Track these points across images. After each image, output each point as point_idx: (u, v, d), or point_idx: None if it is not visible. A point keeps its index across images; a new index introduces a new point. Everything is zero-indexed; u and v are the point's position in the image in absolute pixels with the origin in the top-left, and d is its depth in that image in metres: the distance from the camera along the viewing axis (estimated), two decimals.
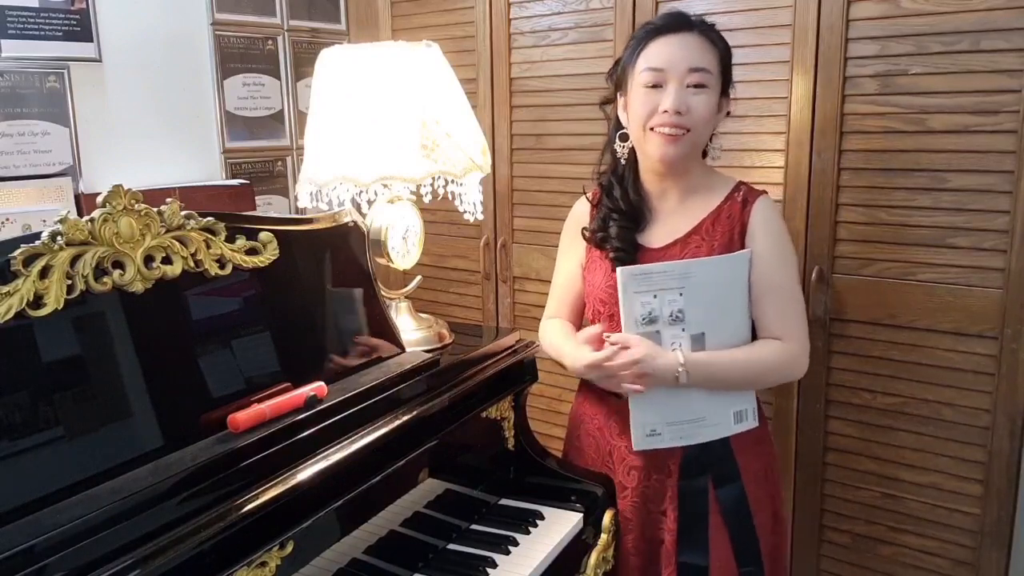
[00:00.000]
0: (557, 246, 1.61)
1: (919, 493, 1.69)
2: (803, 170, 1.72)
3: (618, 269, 1.35)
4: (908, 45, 1.58)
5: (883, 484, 1.74)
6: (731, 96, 1.43)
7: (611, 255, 1.42)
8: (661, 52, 1.35)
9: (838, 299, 1.72)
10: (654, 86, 1.35)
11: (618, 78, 1.44)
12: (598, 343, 1.40)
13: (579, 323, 1.57)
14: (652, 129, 1.35)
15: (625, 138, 1.43)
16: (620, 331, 1.37)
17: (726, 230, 1.39)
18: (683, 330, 1.35)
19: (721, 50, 1.38)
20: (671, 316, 1.34)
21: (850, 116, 1.66)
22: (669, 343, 1.35)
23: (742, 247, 1.38)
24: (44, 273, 0.93)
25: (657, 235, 1.43)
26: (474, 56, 2.20)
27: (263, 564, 0.98)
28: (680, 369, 1.32)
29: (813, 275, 1.71)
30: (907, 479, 1.71)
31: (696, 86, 1.34)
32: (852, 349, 1.72)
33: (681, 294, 1.33)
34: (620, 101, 1.44)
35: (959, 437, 1.63)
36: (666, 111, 1.32)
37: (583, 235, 1.50)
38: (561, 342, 1.49)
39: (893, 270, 1.66)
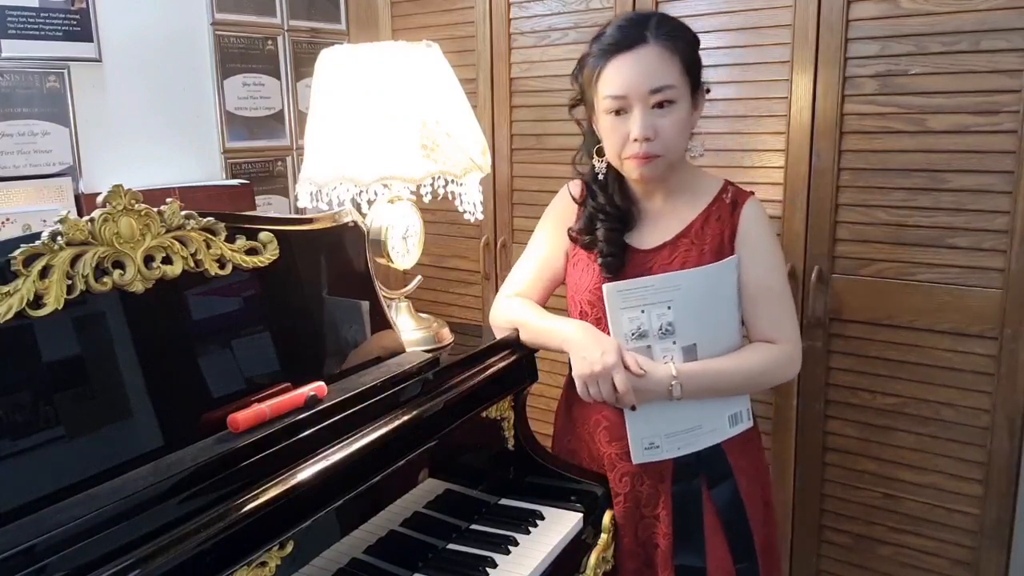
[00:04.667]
0: None
1: (919, 493, 1.70)
2: (803, 170, 1.72)
3: (604, 286, 1.33)
4: (908, 45, 1.58)
5: (883, 484, 1.74)
6: (704, 88, 1.37)
7: (599, 260, 1.40)
8: (619, 76, 1.29)
9: (837, 299, 1.72)
10: (618, 112, 1.31)
11: (581, 90, 1.39)
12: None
13: (543, 307, 1.52)
14: (627, 158, 1.32)
15: (602, 152, 1.39)
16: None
17: (716, 232, 1.37)
18: (674, 343, 1.33)
19: (683, 53, 1.30)
20: (661, 330, 1.32)
21: (850, 116, 1.66)
22: (660, 357, 1.33)
23: (732, 250, 1.37)
24: (44, 273, 0.92)
25: (646, 236, 1.41)
26: (474, 56, 2.20)
27: (263, 564, 0.98)
28: (674, 382, 1.30)
29: (813, 275, 1.71)
30: (907, 479, 1.71)
31: (661, 105, 1.29)
32: (851, 349, 1.72)
33: (670, 307, 1.31)
34: (593, 116, 1.40)
35: (959, 437, 1.63)
36: (636, 139, 1.29)
37: (569, 235, 1.47)
38: (551, 322, 1.42)
39: (892, 270, 1.66)
